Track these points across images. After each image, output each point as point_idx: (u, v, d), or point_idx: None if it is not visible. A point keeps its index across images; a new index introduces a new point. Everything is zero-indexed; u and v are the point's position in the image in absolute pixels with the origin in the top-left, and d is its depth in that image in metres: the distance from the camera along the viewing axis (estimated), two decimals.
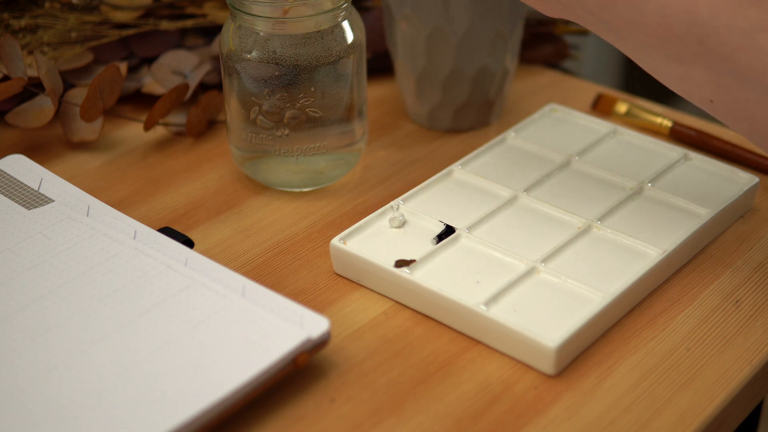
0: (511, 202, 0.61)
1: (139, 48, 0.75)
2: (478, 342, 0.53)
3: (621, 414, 0.49)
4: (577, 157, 0.64)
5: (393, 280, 0.55)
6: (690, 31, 0.49)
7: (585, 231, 0.58)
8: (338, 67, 0.61)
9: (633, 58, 0.53)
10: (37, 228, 0.57)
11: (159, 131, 0.71)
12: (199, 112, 0.70)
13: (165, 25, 0.75)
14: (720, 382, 0.50)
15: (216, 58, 0.74)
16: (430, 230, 0.58)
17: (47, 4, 0.74)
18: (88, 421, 0.45)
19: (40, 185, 0.60)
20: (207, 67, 0.73)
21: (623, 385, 0.50)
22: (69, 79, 0.72)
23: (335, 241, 0.57)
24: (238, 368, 0.48)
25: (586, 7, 0.51)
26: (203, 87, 0.74)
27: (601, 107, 0.73)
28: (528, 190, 0.61)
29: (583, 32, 0.79)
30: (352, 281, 0.57)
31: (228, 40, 0.61)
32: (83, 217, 0.58)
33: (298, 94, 0.60)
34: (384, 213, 0.59)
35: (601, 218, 0.59)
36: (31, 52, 0.72)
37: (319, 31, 0.60)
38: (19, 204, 0.59)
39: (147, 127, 0.68)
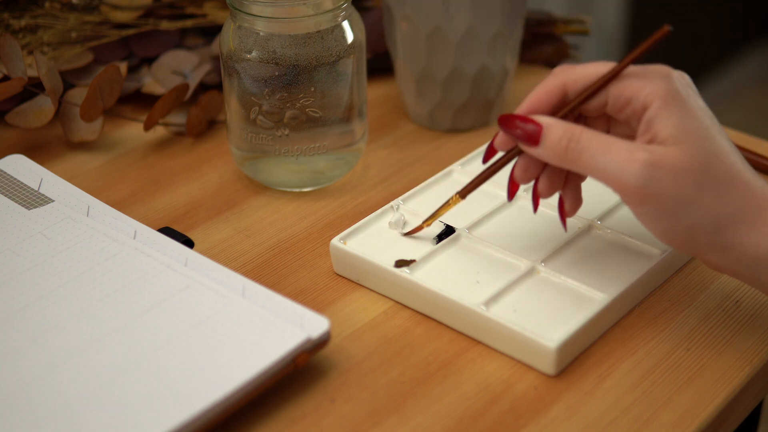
0: (511, 202, 0.61)
1: (139, 48, 0.75)
2: (478, 342, 0.53)
3: (621, 414, 0.49)
4: None
5: (393, 280, 0.55)
6: None
7: (585, 231, 0.58)
8: (338, 67, 0.61)
9: None
10: (37, 228, 0.57)
11: (159, 131, 0.71)
12: (199, 112, 0.70)
13: (165, 25, 0.75)
14: (720, 382, 0.50)
15: (216, 58, 0.74)
16: (430, 230, 0.58)
17: (47, 4, 0.74)
18: (89, 420, 0.45)
19: (40, 185, 0.60)
20: (207, 67, 0.73)
21: (623, 385, 0.50)
22: (69, 79, 0.72)
23: (335, 241, 0.57)
24: (238, 368, 0.48)
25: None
26: (203, 87, 0.74)
27: None
28: (528, 189, 0.61)
29: (583, 32, 0.80)
30: (352, 281, 0.57)
31: (228, 40, 0.61)
32: (83, 217, 0.58)
33: (298, 94, 0.60)
34: (384, 213, 0.59)
35: (601, 218, 0.59)
36: (31, 52, 0.72)
37: (319, 31, 0.60)
38: (19, 204, 0.59)
39: (147, 127, 0.68)
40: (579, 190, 0.54)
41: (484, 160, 0.55)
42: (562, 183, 0.54)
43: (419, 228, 0.58)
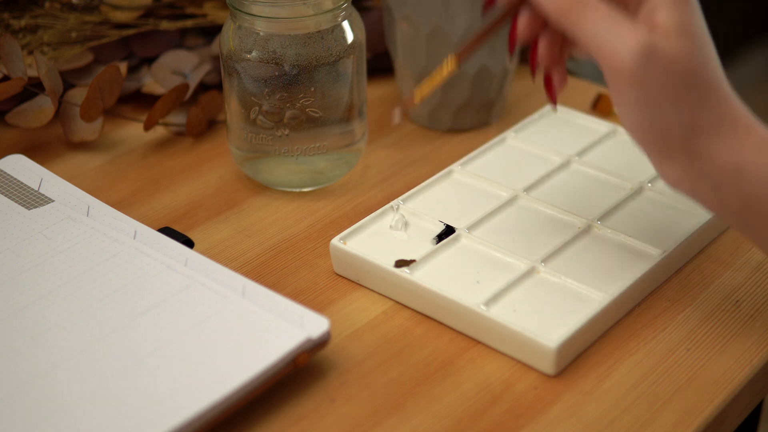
0: (511, 202, 0.61)
1: (139, 48, 0.75)
2: (478, 342, 0.53)
3: (621, 414, 0.49)
4: (576, 157, 0.64)
5: (393, 280, 0.55)
6: None
7: (585, 231, 0.58)
8: (338, 67, 0.61)
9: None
10: (37, 228, 0.57)
11: (159, 131, 0.71)
12: (199, 112, 0.70)
13: (165, 25, 0.75)
14: (720, 382, 0.50)
15: (216, 58, 0.74)
16: (430, 230, 0.58)
17: (47, 4, 0.74)
18: (89, 420, 0.45)
19: (40, 185, 0.60)
20: (207, 67, 0.73)
21: (623, 385, 0.50)
22: (69, 79, 0.72)
23: (335, 241, 0.57)
24: (238, 368, 0.48)
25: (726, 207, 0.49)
26: (203, 87, 0.74)
27: (601, 107, 0.73)
28: (528, 190, 0.61)
29: None
30: (352, 281, 0.57)
31: (228, 40, 0.61)
32: (83, 217, 0.58)
33: (298, 94, 0.60)
34: (384, 213, 0.59)
35: (601, 218, 0.59)
36: (31, 52, 0.72)
37: (319, 31, 0.60)
38: (19, 204, 0.59)
39: (147, 127, 0.68)
40: (565, 66, 0.53)
41: (484, 11, 0.53)
42: (559, 50, 0.52)
43: (411, 102, 0.54)
